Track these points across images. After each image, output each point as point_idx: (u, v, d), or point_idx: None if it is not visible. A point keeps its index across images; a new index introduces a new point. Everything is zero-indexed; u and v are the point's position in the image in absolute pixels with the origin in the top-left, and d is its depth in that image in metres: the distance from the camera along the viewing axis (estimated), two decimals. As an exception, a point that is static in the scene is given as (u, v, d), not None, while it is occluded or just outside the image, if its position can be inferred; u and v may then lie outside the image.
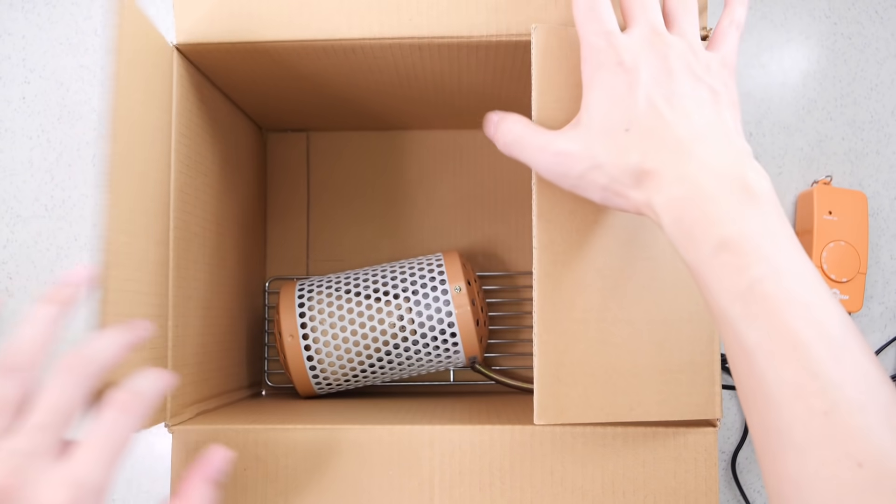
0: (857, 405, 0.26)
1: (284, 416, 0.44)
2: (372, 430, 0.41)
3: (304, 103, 0.56)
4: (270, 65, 0.46)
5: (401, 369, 0.54)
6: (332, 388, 0.55)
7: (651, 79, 0.33)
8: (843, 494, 0.25)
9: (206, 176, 0.48)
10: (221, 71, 0.47)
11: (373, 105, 0.56)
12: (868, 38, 0.67)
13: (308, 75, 0.48)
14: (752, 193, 0.30)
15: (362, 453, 0.40)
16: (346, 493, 0.40)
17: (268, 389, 0.62)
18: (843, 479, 0.25)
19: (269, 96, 0.54)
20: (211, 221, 0.49)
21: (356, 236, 0.64)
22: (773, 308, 0.28)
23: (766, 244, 0.29)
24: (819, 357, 0.27)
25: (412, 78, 0.49)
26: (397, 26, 0.41)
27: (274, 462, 0.41)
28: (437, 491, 0.40)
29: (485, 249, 0.64)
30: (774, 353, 0.27)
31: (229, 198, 0.54)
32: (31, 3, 0.69)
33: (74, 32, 0.69)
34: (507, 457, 0.40)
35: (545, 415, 0.38)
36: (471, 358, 0.54)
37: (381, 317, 0.52)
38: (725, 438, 0.65)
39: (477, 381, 0.63)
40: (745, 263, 0.29)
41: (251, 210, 0.60)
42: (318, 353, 0.52)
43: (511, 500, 0.40)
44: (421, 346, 0.53)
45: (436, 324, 0.52)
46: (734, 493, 0.65)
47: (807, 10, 0.68)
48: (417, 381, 0.63)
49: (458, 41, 0.43)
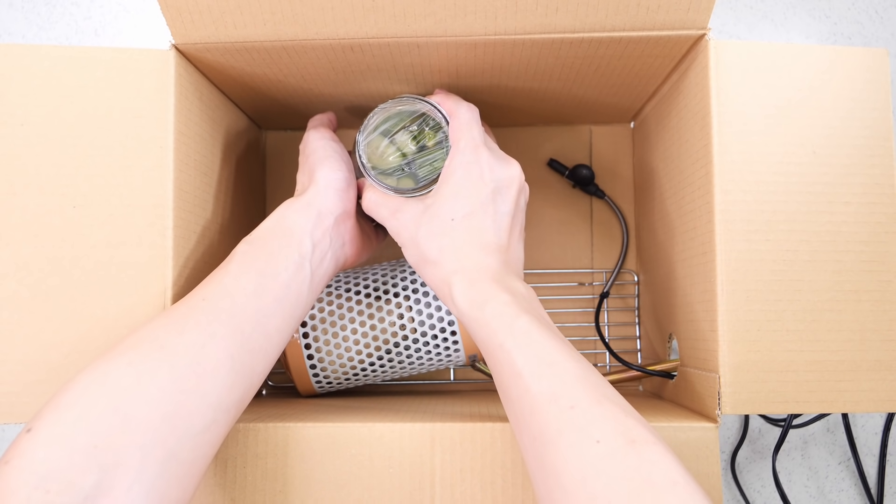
0: (593, 400, 0.33)
1: (284, 413, 0.44)
2: (372, 427, 0.40)
3: (303, 103, 0.56)
4: (268, 64, 0.46)
5: (401, 368, 0.54)
6: (333, 386, 0.55)
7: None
8: (586, 466, 0.30)
9: (205, 175, 0.48)
10: (220, 70, 0.47)
11: (372, 104, 0.56)
12: (868, 38, 0.67)
13: (305, 74, 0.48)
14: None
15: (363, 450, 0.40)
16: (346, 490, 0.40)
17: (268, 389, 0.62)
18: (586, 455, 0.31)
19: (267, 96, 0.54)
20: (211, 220, 0.49)
21: (356, 236, 0.64)
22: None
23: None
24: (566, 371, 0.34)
25: (411, 76, 0.49)
26: (395, 25, 0.41)
27: (273, 459, 0.40)
28: (437, 489, 0.40)
29: (485, 249, 0.64)
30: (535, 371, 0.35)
31: (229, 197, 0.54)
32: (31, 3, 0.69)
33: (74, 32, 0.69)
34: (508, 454, 0.40)
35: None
36: (471, 356, 0.54)
37: (381, 315, 0.52)
38: (725, 438, 0.65)
39: (477, 380, 0.63)
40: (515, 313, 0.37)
41: (251, 209, 0.60)
42: (319, 352, 0.52)
43: (513, 498, 0.40)
44: (421, 345, 0.53)
45: (436, 322, 0.52)
46: (734, 493, 0.65)
47: (807, 10, 0.68)
48: (418, 380, 0.63)
49: (455, 40, 0.43)
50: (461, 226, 0.41)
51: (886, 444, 0.64)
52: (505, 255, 0.41)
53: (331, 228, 0.44)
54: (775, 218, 0.41)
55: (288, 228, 0.42)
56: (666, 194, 0.52)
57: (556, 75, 0.50)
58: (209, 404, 0.35)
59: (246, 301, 0.38)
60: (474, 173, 0.42)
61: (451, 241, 0.41)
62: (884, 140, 0.42)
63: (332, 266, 0.44)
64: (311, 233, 0.42)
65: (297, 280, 0.41)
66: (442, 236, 0.42)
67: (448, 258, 0.41)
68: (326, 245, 0.43)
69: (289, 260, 0.41)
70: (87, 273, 0.41)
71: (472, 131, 0.44)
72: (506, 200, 0.43)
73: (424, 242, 0.42)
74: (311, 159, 0.46)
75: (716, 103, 0.42)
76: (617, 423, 0.31)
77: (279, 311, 0.40)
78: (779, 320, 0.41)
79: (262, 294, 0.39)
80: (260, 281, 0.39)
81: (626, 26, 0.41)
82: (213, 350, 0.36)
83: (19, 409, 0.40)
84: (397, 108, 0.47)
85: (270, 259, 0.40)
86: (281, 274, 0.40)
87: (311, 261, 0.42)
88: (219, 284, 0.39)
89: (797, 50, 0.43)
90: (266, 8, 0.40)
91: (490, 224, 0.42)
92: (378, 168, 0.47)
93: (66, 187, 0.42)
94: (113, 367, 0.34)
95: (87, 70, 0.42)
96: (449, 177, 0.43)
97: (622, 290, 0.63)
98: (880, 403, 0.41)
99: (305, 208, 0.43)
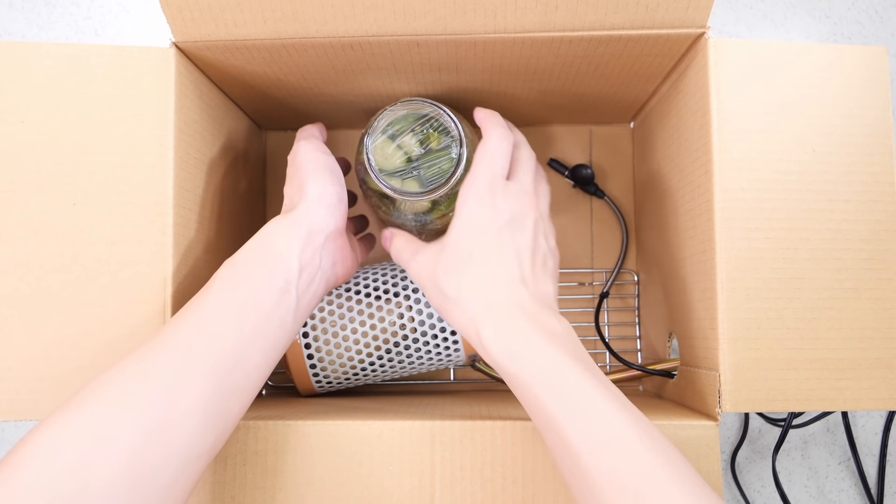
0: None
1: (284, 413, 0.44)
2: (372, 425, 0.40)
3: (303, 102, 0.56)
4: (268, 62, 0.46)
5: (401, 368, 0.54)
6: (333, 386, 0.55)
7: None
8: None
9: (205, 173, 0.48)
10: (220, 69, 0.47)
11: (372, 103, 0.56)
12: (868, 38, 0.68)
13: (305, 73, 0.48)
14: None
15: (362, 448, 0.40)
16: (346, 488, 0.40)
17: (268, 389, 0.62)
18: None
19: (267, 94, 0.54)
20: (211, 219, 0.49)
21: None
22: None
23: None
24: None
25: (411, 74, 0.49)
26: (395, 23, 0.41)
27: (273, 457, 0.40)
28: (438, 487, 0.40)
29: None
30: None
31: (229, 195, 0.54)
32: (31, 3, 0.69)
33: (74, 32, 0.69)
34: (508, 452, 0.40)
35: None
36: (471, 356, 0.54)
37: (381, 315, 0.52)
38: (725, 438, 0.65)
39: (478, 380, 0.62)
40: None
41: (251, 208, 0.60)
42: (319, 352, 0.52)
43: (513, 496, 0.40)
44: (421, 345, 0.53)
45: (436, 322, 0.52)
46: (734, 493, 0.64)
47: (807, 10, 0.68)
48: (418, 380, 0.63)
49: (455, 38, 0.43)
50: (479, 258, 0.39)
51: (886, 444, 0.63)
52: (532, 288, 0.39)
53: (321, 248, 0.41)
54: (775, 216, 0.41)
55: (274, 249, 0.40)
56: (666, 193, 0.52)
57: (556, 74, 0.50)
58: (178, 455, 0.33)
59: (224, 336, 0.36)
60: (486, 202, 0.40)
61: (471, 276, 0.39)
62: (883, 138, 0.42)
63: (322, 288, 0.42)
64: (300, 254, 0.40)
65: (282, 308, 0.38)
66: (461, 272, 0.39)
67: (470, 295, 0.38)
68: (316, 266, 0.41)
69: (273, 288, 0.38)
70: (88, 270, 0.41)
71: (493, 160, 0.42)
72: (523, 234, 0.40)
73: (443, 280, 0.40)
74: (301, 172, 0.43)
75: (715, 102, 0.42)
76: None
77: (260, 345, 0.37)
78: (779, 318, 0.41)
79: (242, 327, 0.36)
80: (240, 312, 0.36)
81: (626, 25, 0.42)
82: (184, 394, 0.33)
83: (19, 407, 0.40)
84: (404, 111, 0.47)
85: (253, 286, 0.38)
86: (264, 303, 0.37)
87: (297, 286, 0.39)
88: (194, 317, 0.36)
89: (797, 48, 0.43)
90: (266, 6, 0.41)
91: (511, 255, 0.39)
92: (384, 170, 0.47)
93: (66, 185, 0.42)
94: (74, 418, 0.31)
95: (88, 68, 0.42)
96: (461, 206, 0.41)
97: (622, 289, 0.63)
98: (881, 401, 0.41)
99: (294, 226, 0.40)
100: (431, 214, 0.51)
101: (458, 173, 0.46)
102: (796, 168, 0.42)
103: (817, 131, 0.42)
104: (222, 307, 0.36)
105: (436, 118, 0.47)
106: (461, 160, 0.46)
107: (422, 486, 0.40)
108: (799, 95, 0.42)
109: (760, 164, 0.42)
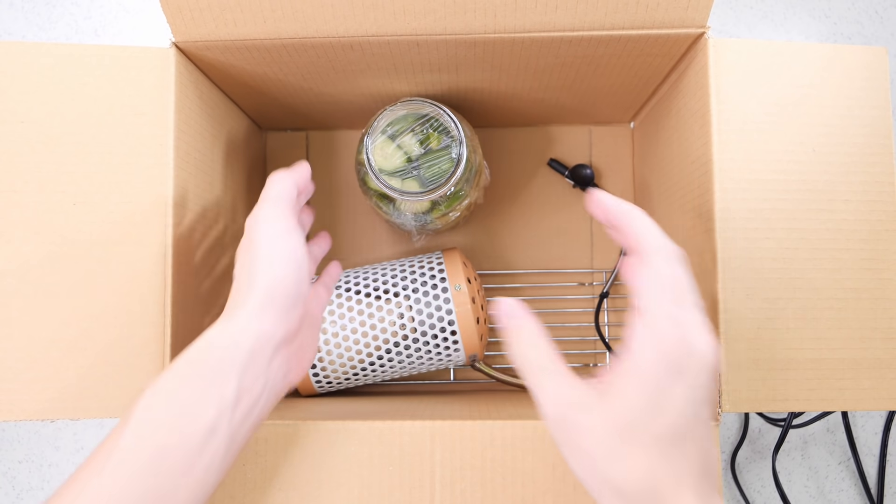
0: None
1: (284, 412, 0.44)
2: (372, 425, 0.40)
3: (302, 102, 0.56)
4: (267, 62, 0.46)
5: (401, 368, 0.54)
6: (333, 386, 0.55)
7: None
8: None
9: (205, 173, 0.48)
10: (220, 69, 0.47)
11: (371, 103, 0.56)
12: (868, 37, 0.68)
13: (305, 73, 0.48)
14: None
15: (362, 448, 0.40)
16: (346, 488, 0.40)
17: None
18: None
19: (267, 94, 0.54)
20: (210, 219, 0.49)
21: (356, 235, 0.64)
22: None
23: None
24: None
25: (410, 74, 0.49)
26: (395, 23, 0.41)
27: (273, 457, 0.40)
28: (437, 486, 0.40)
29: (485, 248, 0.64)
30: None
31: (229, 195, 0.54)
32: (31, 3, 0.69)
33: (74, 32, 0.69)
34: (508, 452, 0.40)
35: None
36: (471, 356, 0.54)
37: (381, 315, 0.52)
38: (725, 439, 0.65)
39: (477, 380, 0.62)
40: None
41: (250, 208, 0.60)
42: (319, 352, 0.52)
43: (513, 496, 0.40)
44: (421, 345, 0.53)
45: (436, 322, 0.52)
46: (734, 493, 0.65)
47: (807, 10, 0.68)
48: (418, 380, 0.63)
49: (455, 38, 0.43)
50: (667, 438, 0.29)
51: (886, 444, 0.63)
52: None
53: (268, 364, 0.34)
54: (775, 216, 0.41)
55: (210, 367, 0.33)
56: (666, 193, 0.52)
57: (556, 74, 0.50)
58: None
59: (136, 481, 0.30)
60: (673, 354, 0.29)
61: (664, 467, 0.29)
62: (883, 138, 0.42)
63: (269, 408, 0.36)
64: (239, 379, 0.33)
65: (209, 449, 0.32)
66: (648, 457, 0.29)
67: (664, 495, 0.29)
68: (259, 389, 0.34)
69: (200, 421, 0.31)
70: (87, 270, 0.41)
71: (672, 293, 0.31)
72: (701, 384, 0.30)
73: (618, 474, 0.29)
74: (252, 256, 0.36)
75: (715, 102, 0.42)
76: None
77: (182, 487, 0.31)
78: (779, 318, 0.41)
79: (158, 469, 0.30)
80: (159, 454, 0.30)
81: (626, 24, 0.42)
82: None
83: (19, 407, 0.40)
84: (404, 111, 0.47)
85: (179, 416, 0.31)
86: (189, 439, 0.31)
87: (231, 419, 0.32)
88: (108, 457, 0.30)
89: (796, 48, 0.43)
90: (266, 5, 0.41)
91: (705, 433, 0.30)
92: (384, 170, 0.47)
93: (66, 185, 0.42)
94: None
95: (88, 68, 0.42)
96: (637, 365, 0.30)
97: (622, 289, 0.63)
98: (881, 401, 0.41)
99: (234, 342, 0.33)
100: (431, 214, 0.51)
101: (458, 173, 0.46)
102: (796, 168, 0.42)
103: (817, 131, 0.42)
104: (139, 446, 0.31)
105: (436, 118, 0.47)
106: (461, 160, 0.46)
107: (422, 485, 0.40)
108: (799, 95, 0.42)
109: (760, 163, 0.42)
